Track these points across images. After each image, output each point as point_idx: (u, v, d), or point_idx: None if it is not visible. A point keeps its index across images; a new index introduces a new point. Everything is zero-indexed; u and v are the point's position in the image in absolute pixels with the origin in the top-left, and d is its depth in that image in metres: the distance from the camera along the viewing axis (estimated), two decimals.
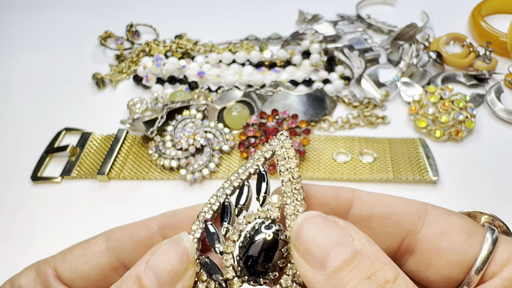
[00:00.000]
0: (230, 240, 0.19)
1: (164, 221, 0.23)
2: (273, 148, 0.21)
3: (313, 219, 0.17)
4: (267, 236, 0.18)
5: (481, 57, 0.57)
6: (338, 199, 0.19)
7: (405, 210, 0.19)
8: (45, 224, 0.41)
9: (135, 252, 0.22)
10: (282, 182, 0.20)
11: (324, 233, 0.17)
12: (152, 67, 0.55)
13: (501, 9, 0.67)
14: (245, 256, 0.18)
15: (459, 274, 0.18)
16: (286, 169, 0.21)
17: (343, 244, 0.16)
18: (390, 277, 0.15)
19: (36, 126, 0.51)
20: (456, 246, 0.18)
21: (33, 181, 0.45)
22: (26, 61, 0.62)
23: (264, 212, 0.19)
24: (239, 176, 0.22)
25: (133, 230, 0.23)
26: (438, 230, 0.18)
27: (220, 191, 0.22)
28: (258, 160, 0.21)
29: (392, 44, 0.61)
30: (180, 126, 0.47)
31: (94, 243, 0.23)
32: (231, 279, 0.19)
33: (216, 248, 0.20)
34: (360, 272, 0.15)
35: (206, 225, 0.21)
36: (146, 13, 0.71)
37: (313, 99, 0.51)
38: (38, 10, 0.72)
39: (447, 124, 0.47)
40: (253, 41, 0.63)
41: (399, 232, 0.19)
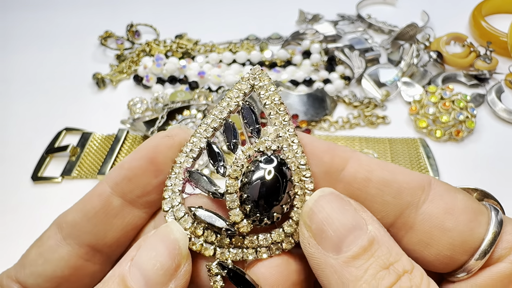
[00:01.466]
0: (231, 178, 0.17)
1: (114, 178, 0.19)
2: (250, 82, 0.20)
3: (328, 197, 0.16)
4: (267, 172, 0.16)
5: (481, 57, 0.57)
6: (332, 154, 0.17)
7: (408, 180, 0.17)
8: (45, 224, 0.41)
9: (98, 227, 0.18)
10: (270, 115, 0.19)
11: (341, 214, 0.15)
12: (153, 67, 0.55)
13: (501, 9, 0.67)
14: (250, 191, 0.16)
15: (461, 256, 0.16)
16: (271, 101, 0.19)
17: (360, 229, 0.15)
18: (408, 268, 0.14)
19: (36, 126, 0.51)
20: (461, 226, 0.16)
21: (34, 181, 0.45)
22: (26, 61, 0.62)
23: (262, 142, 0.18)
24: (217, 116, 0.19)
25: (84, 205, 0.19)
26: (443, 207, 0.16)
27: (195, 137, 0.19)
28: (237, 98, 0.20)
29: (392, 44, 0.61)
30: None
31: (47, 237, 0.19)
32: (240, 221, 0.16)
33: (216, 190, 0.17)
34: (378, 261, 0.14)
35: (190, 172, 0.18)
36: (147, 13, 0.71)
37: (314, 99, 0.51)
38: (38, 10, 0.72)
39: (447, 124, 0.47)
40: (254, 41, 0.63)
41: (398, 203, 0.16)
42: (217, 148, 0.18)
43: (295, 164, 0.17)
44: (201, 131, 0.19)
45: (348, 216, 0.15)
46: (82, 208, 0.19)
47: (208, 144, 0.19)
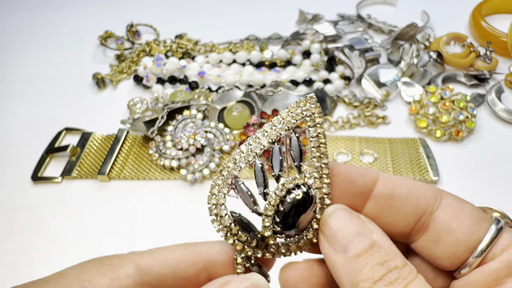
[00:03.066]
0: (270, 205, 0.20)
1: (211, 257, 0.21)
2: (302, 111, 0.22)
3: (340, 211, 0.20)
4: (296, 195, 0.20)
5: (481, 57, 0.57)
6: (365, 177, 0.21)
7: (424, 193, 0.21)
8: (45, 224, 0.41)
9: (176, 286, 0.21)
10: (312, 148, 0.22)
11: (349, 223, 0.20)
12: (153, 67, 0.55)
13: (501, 9, 0.67)
14: (281, 214, 0.20)
15: (464, 254, 0.20)
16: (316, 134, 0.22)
17: (364, 235, 0.19)
18: (399, 265, 0.19)
19: (36, 126, 0.51)
20: (464, 227, 0.20)
21: (34, 181, 0.45)
22: (26, 61, 0.62)
23: (302, 178, 0.21)
24: (269, 136, 0.21)
25: (176, 265, 0.21)
26: (451, 212, 0.20)
27: (245, 150, 0.21)
28: (288, 124, 0.22)
29: (392, 44, 0.61)
30: (180, 126, 0.47)
31: (125, 275, 0.20)
32: (269, 236, 0.20)
33: (256, 209, 0.21)
34: (375, 259, 0.19)
35: (236, 182, 0.21)
36: (147, 13, 0.71)
37: None
38: (38, 10, 0.72)
39: (447, 124, 0.47)
40: (254, 41, 0.63)
41: (417, 212, 0.21)
42: (246, 188, 0.21)
43: (321, 193, 0.21)
44: (252, 146, 0.21)
45: (355, 225, 0.20)
46: (173, 266, 0.21)
47: (261, 166, 0.21)
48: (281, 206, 0.20)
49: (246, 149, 0.21)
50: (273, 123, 0.22)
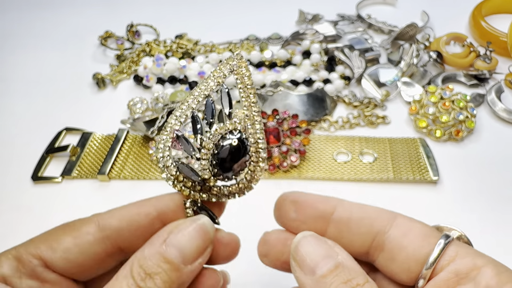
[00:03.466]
0: (205, 149, 0.23)
1: (162, 207, 0.24)
2: (231, 66, 0.25)
3: (308, 238, 0.23)
4: (233, 141, 0.23)
5: (481, 57, 0.57)
6: (325, 203, 0.24)
7: (377, 216, 0.23)
8: (45, 224, 0.41)
9: (134, 237, 0.23)
10: (242, 98, 0.25)
11: (316, 248, 0.22)
12: (153, 67, 0.55)
13: (501, 9, 0.67)
14: (217, 159, 0.23)
15: (416, 267, 0.22)
16: (244, 86, 0.25)
17: (329, 257, 0.21)
18: (361, 282, 0.21)
19: (36, 126, 0.51)
20: (414, 244, 0.22)
21: (34, 181, 0.45)
22: (26, 61, 0.62)
23: (232, 124, 0.24)
24: (202, 91, 0.25)
25: (131, 217, 0.23)
26: (402, 232, 0.23)
27: (184, 105, 0.24)
28: (218, 78, 0.25)
29: (392, 44, 0.61)
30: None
31: (86, 232, 0.23)
32: (208, 178, 0.23)
33: (194, 155, 0.23)
34: (340, 278, 0.21)
35: (177, 134, 0.24)
36: (147, 13, 0.71)
37: (314, 99, 0.51)
38: (38, 10, 0.72)
39: (447, 124, 0.47)
40: (254, 41, 0.63)
41: (371, 232, 0.23)
42: (199, 122, 0.24)
43: (255, 138, 0.24)
44: (189, 101, 0.24)
45: (321, 249, 0.22)
46: (128, 219, 0.23)
47: (193, 116, 0.24)
48: (217, 150, 0.23)
49: (185, 106, 0.24)
50: (206, 80, 0.25)
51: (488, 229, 0.39)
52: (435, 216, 0.40)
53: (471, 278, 0.21)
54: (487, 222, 0.40)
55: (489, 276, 0.20)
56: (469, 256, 0.21)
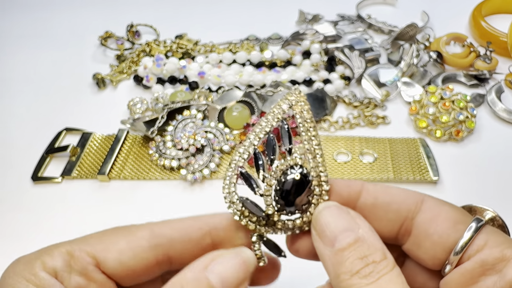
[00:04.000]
0: (268, 185, 0.24)
1: (215, 223, 0.24)
2: (289, 102, 0.25)
3: (331, 208, 0.22)
4: (295, 176, 0.23)
5: (481, 57, 0.57)
6: (349, 188, 0.23)
7: (404, 200, 0.23)
8: (45, 224, 0.41)
9: (185, 250, 0.23)
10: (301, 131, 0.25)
11: (337, 219, 0.22)
12: (153, 67, 0.55)
13: (501, 9, 0.67)
14: (280, 194, 0.23)
15: (442, 255, 0.22)
16: (303, 120, 0.25)
17: (350, 231, 0.21)
18: (377, 259, 0.20)
19: (36, 126, 0.51)
20: (441, 231, 0.21)
21: (34, 181, 0.45)
22: (26, 61, 0.62)
23: (293, 159, 0.24)
24: (263, 128, 0.25)
25: (184, 229, 0.24)
26: (429, 217, 0.22)
27: (247, 142, 0.25)
28: (278, 115, 0.25)
29: (392, 44, 0.61)
30: (180, 126, 0.47)
31: (141, 237, 0.23)
32: (272, 213, 0.24)
33: (257, 191, 0.24)
34: (357, 253, 0.20)
35: (241, 171, 0.24)
36: (147, 13, 0.71)
37: (314, 99, 0.51)
38: (38, 10, 0.72)
39: (447, 124, 0.47)
40: (254, 41, 0.63)
41: (398, 218, 0.22)
42: (261, 158, 0.24)
43: (316, 171, 0.24)
44: (251, 138, 0.25)
45: (343, 221, 0.21)
46: (181, 230, 0.24)
47: (255, 153, 0.25)
48: (279, 185, 0.23)
49: (247, 143, 0.25)
50: (266, 117, 0.25)
51: None
52: None
53: (498, 269, 0.20)
54: None
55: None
56: (498, 246, 0.21)
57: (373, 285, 0.19)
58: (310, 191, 0.23)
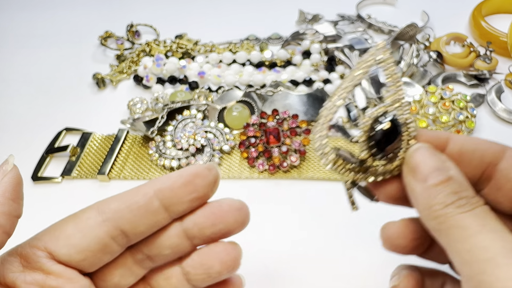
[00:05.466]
0: (362, 131, 0.25)
1: (159, 184, 0.24)
2: (374, 55, 0.27)
3: (424, 148, 0.24)
4: (385, 124, 0.25)
5: (481, 57, 0.57)
6: (437, 139, 0.25)
7: (488, 148, 0.24)
8: (45, 224, 0.41)
9: (136, 219, 0.24)
10: (387, 82, 0.27)
11: (431, 159, 0.23)
12: (153, 67, 0.55)
13: (501, 9, 0.67)
14: (374, 140, 0.25)
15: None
16: (389, 72, 0.27)
17: (442, 170, 0.22)
18: (470, 195, 0.22)
19: (36, 126, 0.51)
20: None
21: (34, 181, 0.45)
22: (26, 61, 0.62)
23: (383, 107, 0.26)
24: (351, 82, 0.27)
25: (129, 199, 0.24)
26: (511, 164, 0.24)
27: (335, 97, 0.26)
28: (365, 68, 0.27)
29: (392, 44, 0.61)
30: (180, 126, 0.47)
31: (87, 218, 0.24)
32: (366, 158, 0.25)
33: (351, 139, 0.26)
34: (449, 189, 0.22)
35: (332, 123, 0.26)
36: (146, 13, 0.71)
37: (314, 99, 0.51)
38: (38, 10, 0.72)
39: (447, 124, 0.47)
40: (254, 41, 0.63)
41: (482, 164, 0.24)
42: (352, 109, 0.26)
43: (403, 119, 0.25)
44: (338, 93, 0.26)
45: (435, 161, 0.23)
46: (126, 200, 0.24)
47: (346, 105, 0.26)
48: (372, 132, 0.25)
49: (333, 98, 0.26)
50: (352, 73, 0.27)
51: None
52: None
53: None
54: None
55: None
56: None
57: (468, 213, 0.21)
58: (400, 137, 0.25)
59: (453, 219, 0.21)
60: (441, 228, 0.22)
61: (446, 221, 0.21)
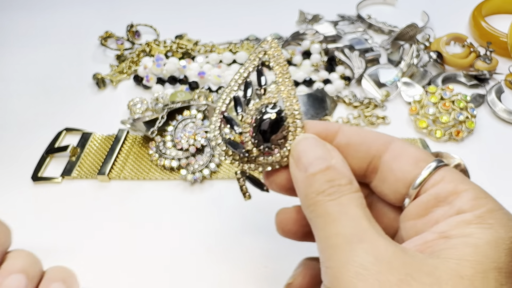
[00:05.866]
0: (245, 123, 0.26)
1: None
2: (263, 49, 0.28)
3: (308, 139, 0.25)
4: (271, 115, 0.25)
5: (481, 57, 0.57)
6: (327, 130, 0.26)
7: (374, 141, 0.25)
8: (45, 224, 0.41)
9: None
10: (276, 74, 0.27)
11: (313, 149, 0.24)
12: (153, 67, 0.55)
13: (501, 9, 0.67)
14: (258, 131, 0.25)
15: (403, 189, 0.24)
16: (276, 64, 0.27)
17: (323, 159, 0.23)
18: (343, 183, 0.22)
19: (36, 127, 0.51)
20: (403, 168, 0.24)
21: (34, 181, 0.45)
22: (26, 61, 0.62)
23: (267, 99, 0.27)
24: (242, 75, 0.28)
25: None
26: (394, 155, 0.24)
27: (228, 89, 0.28)
28: (254, 61, 0.28)
29: (392, 44, 0.61)
30: (180, 126, 0.47)
31: None
32: (251, 149, 0.26)
33: (236, 130, 0.27)
34: (326, 177, 0.22)
35: (224, 115, 0.27)
36: (147, 13, 0.71)
37: (314, 99, 0.51)
38: (38, 10, 0.72)
39: (447, 124, 0.47)
40: (254, 41, 0.63)
41: (368, 156, 0.25)
42: (239, 101, 0.27)
43: (290, 110, 0.26)
44: (232, 85, 0.28)
45: (318, 151, 0.24)
46: None
47: (234, 97, 0.28)
48: (257, 123, 0.26)
49: (228, 90, 0.28)
50: (244, 65, 0.28)
51: None
52: None
53: (449, 202, 0.22)
54: None
55: (465, 200, 0.21)
56: (453, 182, 0.22)
57: (334, 202, 0.22)
58: (285, 127, 0.26)
59: (321, 207, 0.22)
60: (311, 217, 0.22)
61: (315, 209, 0.22)
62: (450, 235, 0.20)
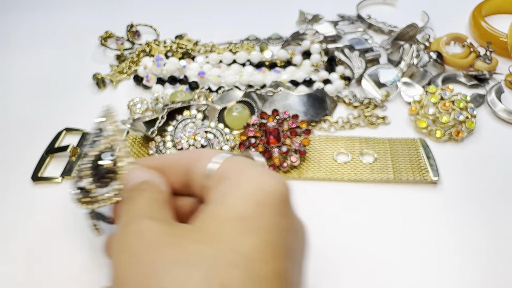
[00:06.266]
0: (83, 171, 0.32)
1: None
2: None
3: (133, 167, 0.31)
4: (105, 164, 0.31)
5: (481, 57, 0.57)
6: (147, 164, 0.31)
7: (177, 161, 0.31)
8: (45, 224, 0.41)
9: None
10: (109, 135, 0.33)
11: (136, 172, 0.30)
12: (153, 67, 0.55)
13: (501, 9, 0.67)
14: (94, 175, 0.31)
15: (194, 182, 0.29)
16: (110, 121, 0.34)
17: (141, 178, 0.29)
18: (146, 188, 0.29)
19: (36, 127, 0.51)
20: (201, 167, 0.28)
21: (34, 181, 0.45)
22: (26, 61, 0.62)
23: (97, 147, 0.32)
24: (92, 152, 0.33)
25: None
26: (195, 160, 0.29)
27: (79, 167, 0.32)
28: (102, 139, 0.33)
29: (392, 44, 0.61)
30: (180, 126, 0.47)
31: None
32: (90, 189, 0.31)
33: (80, 178, 0.32)
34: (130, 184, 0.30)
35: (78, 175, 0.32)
36: (147, 13, 0.71)
37: (314, 99, 0.51)
38: (38, 10, 0.72)
39: (447, 125, 0.47)
40: (254, 41, 0.63)
41: (183, 173, 0.30)
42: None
43: (117, 155, 0.31)
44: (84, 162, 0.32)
45: (139, 173, 0.30)
46: None
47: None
48: (91, 170, 0.31)
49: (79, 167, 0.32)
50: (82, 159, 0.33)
51: (488, 229, 0.39)
52: (435, 216, 0.40)
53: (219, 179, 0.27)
54: (487, 223, 0.40)
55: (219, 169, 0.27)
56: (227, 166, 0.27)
57: (129, 201, 0.28)
58: (113, 170, 0.31)
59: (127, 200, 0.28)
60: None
61: None
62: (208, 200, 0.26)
